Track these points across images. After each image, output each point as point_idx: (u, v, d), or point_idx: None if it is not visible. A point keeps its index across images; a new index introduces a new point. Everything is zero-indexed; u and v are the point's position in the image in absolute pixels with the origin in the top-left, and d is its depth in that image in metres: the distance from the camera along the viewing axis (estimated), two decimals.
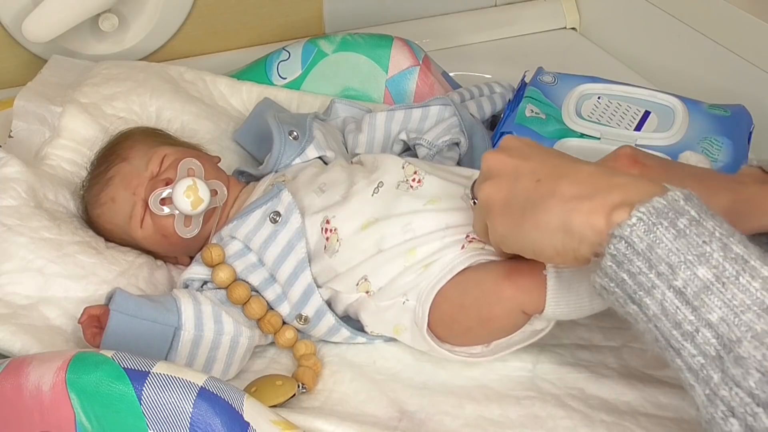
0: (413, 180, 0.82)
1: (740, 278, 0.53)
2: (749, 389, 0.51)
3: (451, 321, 0.75)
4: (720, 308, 0.53)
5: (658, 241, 0.55)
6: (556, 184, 0.61)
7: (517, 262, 0.74)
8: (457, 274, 0.75)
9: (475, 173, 0.83)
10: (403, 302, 0.77)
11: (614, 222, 0.57)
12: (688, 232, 0.55)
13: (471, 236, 0.76)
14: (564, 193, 0.60)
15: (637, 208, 0.56)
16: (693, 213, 0.56)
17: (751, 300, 0.53)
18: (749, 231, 0.73)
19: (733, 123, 0.99)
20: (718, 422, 0.53)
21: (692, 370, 0.55)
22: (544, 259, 0.65)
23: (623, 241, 0.56)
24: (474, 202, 0.72)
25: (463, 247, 0.76)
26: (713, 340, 0.53)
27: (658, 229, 0.55)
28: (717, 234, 0.55)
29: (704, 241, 0.55)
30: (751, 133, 0.99)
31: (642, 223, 0.56)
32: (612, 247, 0.57)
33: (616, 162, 0.73)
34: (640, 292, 0.56)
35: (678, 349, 0.55)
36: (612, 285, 0.58)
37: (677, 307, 0.55)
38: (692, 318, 0.54)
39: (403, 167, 0.83)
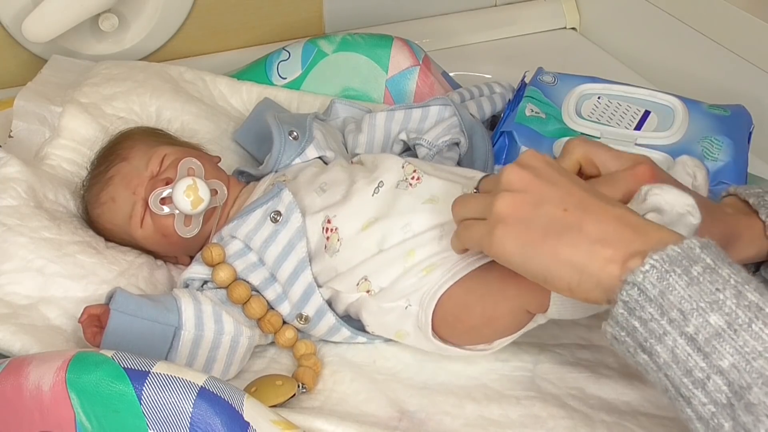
0: (412, 178, 0.82)
1: (753, 325, 0.53)
2: None
3: (455, 320, 0.75)
4: (731, 355, 0.53)
5: (670, 288, 0.55)
6: (583, 220, 0.61)
7: None
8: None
9: (477, 174, 0.83)
10: (406, 307, 0.77)
11: (629, 269, 0.57)
12: (701, 279, 0.55)
13: None
14: (590, 233, 0.60)
15: (650, 255, 0.56)
16: (708, 261, 0.56)
17: (762, 347, 0.52)
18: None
19: (733, 123, 0.99)
20: None
21: (702, 419, 0.54)
22: (551, 288, 0.64)
23: (636, 288, 0.56)
24: (476, 191, 0.71)
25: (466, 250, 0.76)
26: (724, 388, 0.53)
27: (671, 276, 0.55)
28: (732, 282, 0.55)
29: (717, 289, 0.54)
30: (750, 133, 0.99)
31: (655, 270, 0.55)
32: (624, 293, 0.57)
33: (635, 173, 0.70)
34: (651, 340, 0.56)
35: (688, 397, 0.55)
36: (623, 334, 0.58)
37: (688, 354, 0.54)
38: (703, 365, 0.54)
39: (403, 167, 0.83)
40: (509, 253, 0.63)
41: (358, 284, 0.79)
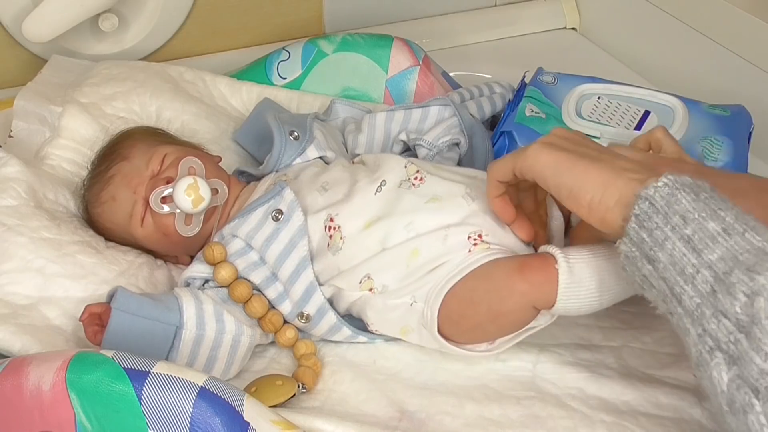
0: (415, 179, 0.82)
1: (746, 234, 0.56)
2: (735, 315, 0.54)
3: (460, 317, 0.75)
4: (721, 251, 0.56)
5: (677, 201, 0.59)
6: (614, 158, 0.68)
7: (528, 257, 0.74)
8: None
9: (479, 174, 0.83)
10: (411, 304, 0.77)
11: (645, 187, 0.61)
12: (707, 200, 0.59)
13: (474, 238, 0.76)
14: (619, 165, 0.66)
15: (665, 175, 0.61)
16: (717, 195, 0.60)
17: (750, 246, 0.56)
18: None
19: (732, 123, 0.99)
20: (705, 357, 0.55)
21: (689, 312, 0.57)
22: (574, 206, 0.68)
23: (647, 201, 0.61)
24: None
25: (469, 251, 0.76)
26: (710, 278, 0.56)
27: (679, 192, 0.60)
28: (735, 210, 0.58)
29: (720, 208, 0.58)
30: (750, 133, 0.99)
31: (666, 187, 0.60)
32: (637, 207, 0.61)
33: (647, 136, 0.79)
34: (655, 248, 0.60)
35: (680, 294, 0.58)
36: (633, 249, 0.62)
37: (683, 253, 0.58)
38: (695, 261, 0.57)
39: (406, 167, 0.83)
40: (543, 164, 0.69)
41: (360, 282, 0.79)
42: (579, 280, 0.70)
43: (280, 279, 0.82)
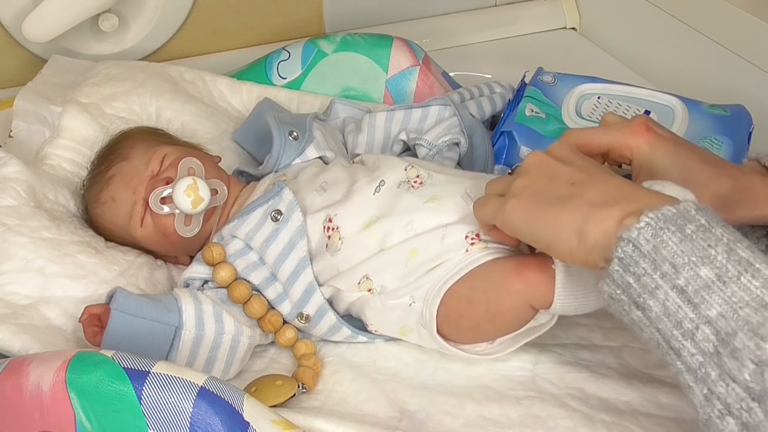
0: (415, 181, 0.82)
1: (741, 278, 0.54)
2: (744, 383, 0.52)
3: (458, 317, 0.75)
4: (719, 305, 0.54)
5: (663, 244, 0.56)
6: (585, 190, 0.64)
7: (525, 256, 0.74)
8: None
9: (480, 175, 0.83)
10: (410, 304, 0.77)
11: (624, 227, 0.58)
12: (694, 236, 0.56)
13: (471, 237, 0.76)
14: (589, 198, 0.63)
15: (646, 213, 0.57)
16: (703, 221, 0.57)
17: (750, 297, 0.53)
18: (746, 220, 0.74)
19: (732, 122, 0.99)
20: (715, 422, 0.53)
21: (691, 370, 0.55)
22: (556, 255, 0.67)
23: (630, 244, 0.57)
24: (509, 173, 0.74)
25: (467, 250, 0.76)
26: (712, 337, 0.54)
27: (664, 232, 0.56)
28: (724, 240, 0.56)
29: (709, 245, 0.55)
30: (751, 132, 0.99)
31: (650, 227, 0.57)
32: (620, 249, 0.58)
33: (630, 127, 0.74)
34: (644, 295, 0.57)
35: (678, 349, 0.56)
36: (618, 292, 0.59)
37: (678, 305, 0.55)
38: (692, 315, 0.55)
39: (406, 170, 0.83)
40: (517, 222, 0.67)
41: (359, 283, 0.79)
42: (576, 279, 0.70)
43: (280, 279, 0.82)
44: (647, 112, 1.00)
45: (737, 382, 0.52)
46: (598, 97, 1.03)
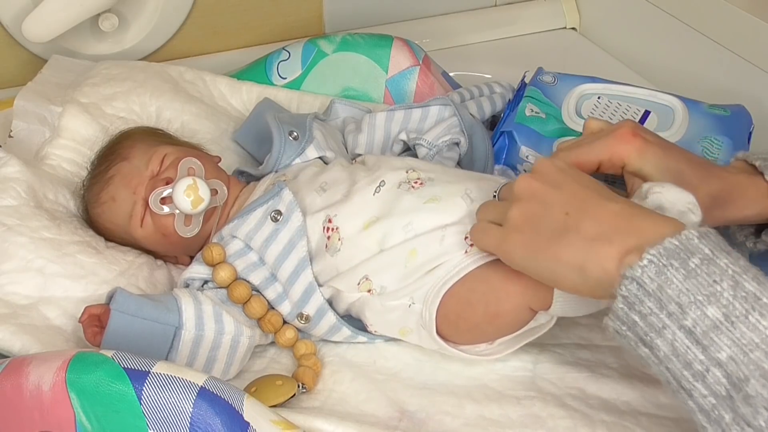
0: (416, 182, 0.82)
1: (749, 317, 0.53)
2: (760, 428, 0.52)
3: (458, 318, 0.75)
4: (729, 347, 0.53)
5: (668, 282, 0.56)
6: (581, 221, 0.63)
7: None
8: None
9: (482, 176, 0.83)
10: (409, 305, 0.77)
11: (626, 265, 0.58)
12: (698, 271, 0.56)
13: (470, 238, 0.76)
14: (586, 232, 0.62)
15: (647, 250, 0.57)
16: (707, 251, 0.56)
17: (759, 338, 0.53)
18: (735, 219, 0.74)
19: (732, 122, 0.98)
20: None
21: (704, 411, 0.55)
22: (561, 289, 0.67)
23: (634, 283, 0.57)
24: (494, 196, 0.74)
25: (466, 252, 0.76)
26: (723, 380, 0.54)
27: (668, 270, 0.56)
28: (729, 272, 0.55)
29: (715, 280, 0.55)
30: (750, 132, 0.99)
31: (653, 265, 0.56)
32: (624, 288, 0.58)
33: (616, 135, 0.74)
34: (651, 334, 0.57)
35: (689, 390, 0.55)
36: (624, 328, 0.59)
37: (687, 347, 0.55)
38: (702, 357, 0.54)
39: (407, 172, 0.83)
40: (518, 259, 0.68)
41: (359, 283, 0.79)
42: None
43: (280, 280, 0.82)
44: (647, 112, 1.00)
45: (752, 427, 0.52)
46: (598, 97, 1.03)
